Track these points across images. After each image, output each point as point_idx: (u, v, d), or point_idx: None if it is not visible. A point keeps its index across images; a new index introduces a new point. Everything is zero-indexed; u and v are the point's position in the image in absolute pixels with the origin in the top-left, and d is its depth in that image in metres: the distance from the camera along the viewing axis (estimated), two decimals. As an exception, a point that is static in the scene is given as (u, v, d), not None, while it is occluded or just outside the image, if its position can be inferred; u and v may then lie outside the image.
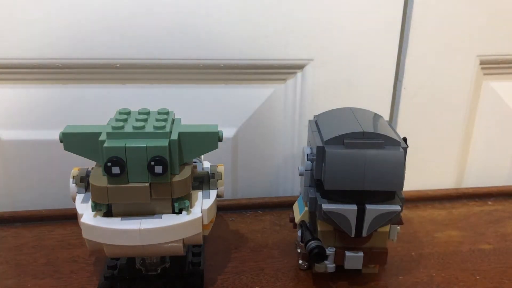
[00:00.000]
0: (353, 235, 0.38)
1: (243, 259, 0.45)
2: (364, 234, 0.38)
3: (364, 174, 0.37)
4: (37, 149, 0.52)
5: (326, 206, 0.38)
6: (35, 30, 0.47)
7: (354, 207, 0.38)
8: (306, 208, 0.41)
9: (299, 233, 0.42)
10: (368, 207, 0.37)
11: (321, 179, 0.38)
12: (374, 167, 0.36)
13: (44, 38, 0.48)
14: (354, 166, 0.36)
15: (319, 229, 0.40)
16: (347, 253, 0.40)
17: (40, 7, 0.47)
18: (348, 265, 0.40)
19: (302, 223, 0.42)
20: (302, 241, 0.41)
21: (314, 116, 0.44)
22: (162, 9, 0.48)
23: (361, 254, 0.40)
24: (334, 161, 0.37)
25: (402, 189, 0.38)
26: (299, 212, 0.43)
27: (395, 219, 0.38)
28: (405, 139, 0.39)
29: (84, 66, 0.50)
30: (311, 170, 0.39)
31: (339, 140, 0.37)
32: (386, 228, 0.40)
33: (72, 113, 0.51)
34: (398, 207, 0.38)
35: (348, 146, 0.37)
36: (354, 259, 0.40)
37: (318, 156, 0.38)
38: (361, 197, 0.38)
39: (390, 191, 0.38)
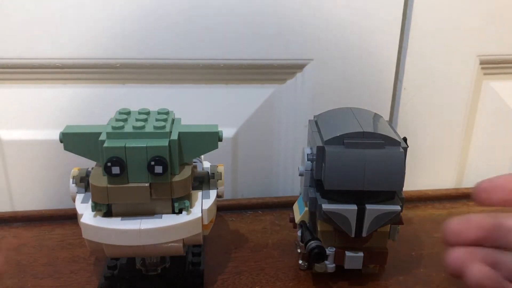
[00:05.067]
0: (353, 235, 0.38)
1: (243, 259, 0.45)
2: (364, 234, 0.38)
3: (364, 174, 0.36)
4: (37, 149, 0.52)
5: (326, 206, 0.38)
6: (35, 30, 0.47)
7: (354, 207, 0.37)
8: (306, 208, 0.41)
9: (299, 233, 0.42)
10: (368, 207, 0.37)
11: (321, 179, 0.38)
12: (374, 167, 0.36)
13: (44, 38, 0.48)
14: (354, 166, 0.36)
15: (319, 229, 0.40)
16: (347, 253, 0.40)
17: (40, 7, 0.47)
18: (348, 265, 0.40)
19: (302, 223, 0.42)
20: (302, 241, 0.41)
21: (314, 116, 0.44)
22: (162, 9, 0.48)
23: (361, 254, 0.40)
24: (334, 161, 0.37)
25: (402, 189, 0.38)
26: (299, 212, 0.43)
27: (395, 219, 0.38)
28: (405, 139, 0.39)
29: (84, 66, 0.50)
30: (311, 170, 0.39)
31: (339, 140, 0.37)
32: (386, 228, 0.40)
33: (72, 113, 0.51)
34: (398, 207, 0.38)
35: (348, 146, 0.37)
36: (354, 259, 0.40)
37: (318, 156, 0.38)
38: (361, 197, 0.38)
39: (390, 191, 0.38)
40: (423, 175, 0.60)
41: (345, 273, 0.43)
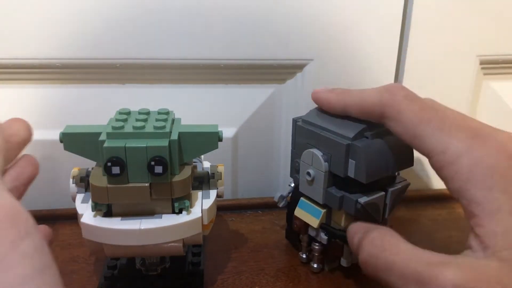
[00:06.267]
0: (380, 220, 0.40)
1: (243, 259, 0.45)
2: (386, 216, 0.40)
3: (389, 160, 0.38)
4: (37, 149, 0.52)
5: (363, 200, 0.38)
6: (35, 30, 0.47)
7: (382, 193, 0.39)
8: (324, 210, 0.41)
9: (323, 236, 0.41)
10: (390, 189, 0.39)
11: (353, 176, 0.38)
12: (395, 151, 0.38)
13: (44, 38, 0.48)
14: (382, 155, 0.38)
15: (343, 224, 0.40)
16: None
17: (40, 7, 0.47)
18: None
19: (325, 225, 0.41)
20: (331, 242, 0.41)
21: (296, 119, 0.43)
22: (162, 9, 0.48)
23: None
24: (368, 155, 0.37)
25: (413, 164, 0.40)
26: (314, 217, 0.42)
27: (404, 193, 0.41)
28: None
29: (84, 66, 0.50)
30: (329, 171, 0.39)
31: (360, 135, 0.38)
32: None
33: (72, 113, 0.51)
34: (408, 181, 0.40)
35: (372, 137, 0.38)
36: None
37: (340, 154, 0.38)
38: (382, 183, 0.39)
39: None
40: (423, 175, 0.60)
41: (345, 273, 0.43)
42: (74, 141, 0.36)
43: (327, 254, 0.43)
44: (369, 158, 0.37)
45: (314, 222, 0.41)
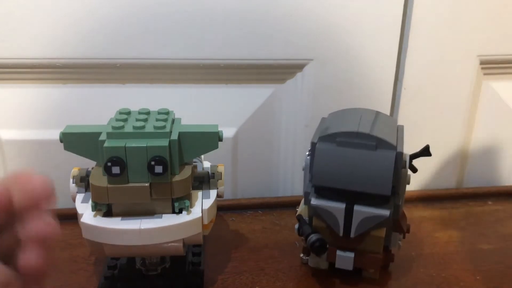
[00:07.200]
0: (341, 234, 0.38)
1: (243, 259, 0.45)
2: (352, 235, 0.38)
3: (352, 174, 0.36)
4: (37, 149, 0.52)
5: (314, 201, 0.38)
6: (35, 30, 0.47)
7: (342, 205, 0.37)
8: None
9: (296, 226, 0.42)
10: (356, 207, 0.37)
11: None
12: (362, 168, 0.36)
13: (44, 38, 0.48)
14: (342, 165, 0.36)
15: (313, 224, 0.40)
16: (338, 252, 0.40)
17: (40, 7, 0.47)
18: (339, 264, 0.40)
19: (299, 217, 0.42)
20: (299, 234, 0.41)
21: (329, 115, 0.44)
22: (162, 9, 0.48)
23: (351, 255, 0.40)
24: (323, 158, 0.37)
25: (389, 193, 0.36)
26: (301, 207, 0.43)
27: (385, 224, 0.37)
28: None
29: (84, 66, 0.50)
30: (309, 165, 0.39)
31: (332, 138, 0.37)
32: (381, 233, 0.39)
33: (72, 113, 0.51)
34: (386, 212, 0.37)
35: (339, 144, 0.37)
36: (344, 259, 0.40)
37: (312, 152, 0.38)
38: (352, 198, 0.37)
39: (384, 195, 0.37)
40: (423, 175, 0.60)
41: (346, 274, 0.43)
42: (74, 141, 0.36)
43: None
44: (322, 162, 0.36)
45: (299, 211, 0.42)
